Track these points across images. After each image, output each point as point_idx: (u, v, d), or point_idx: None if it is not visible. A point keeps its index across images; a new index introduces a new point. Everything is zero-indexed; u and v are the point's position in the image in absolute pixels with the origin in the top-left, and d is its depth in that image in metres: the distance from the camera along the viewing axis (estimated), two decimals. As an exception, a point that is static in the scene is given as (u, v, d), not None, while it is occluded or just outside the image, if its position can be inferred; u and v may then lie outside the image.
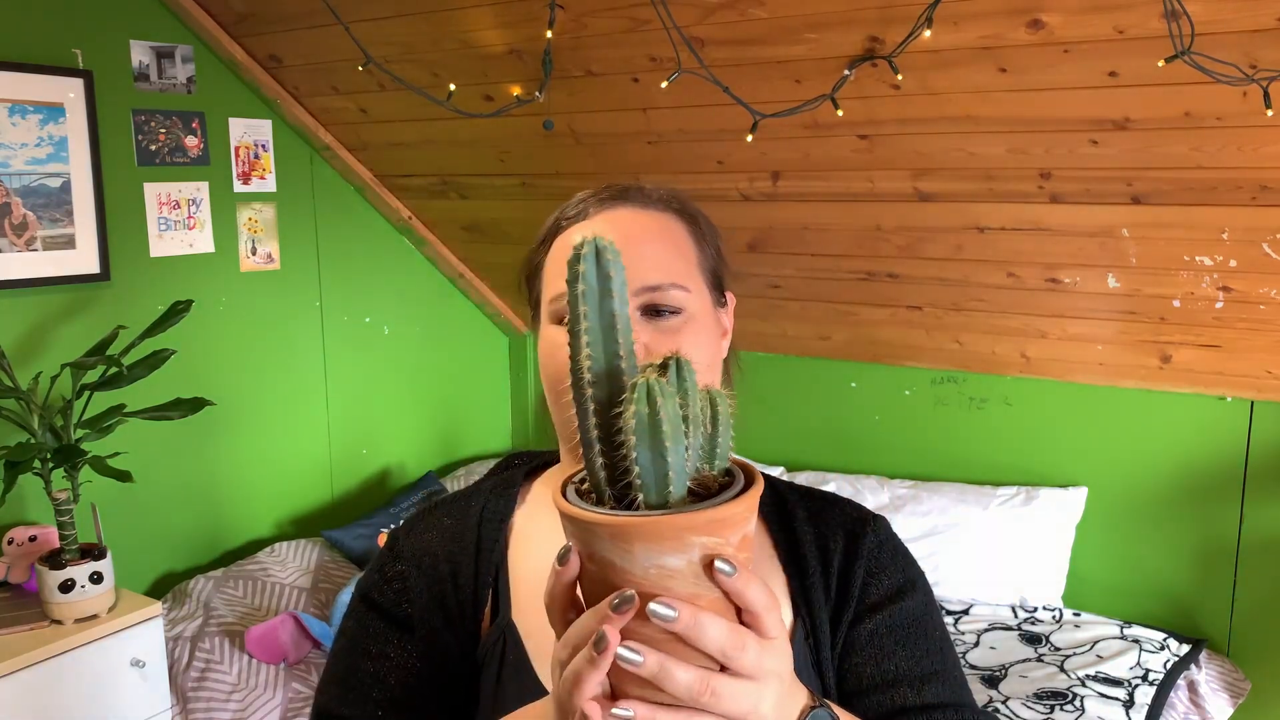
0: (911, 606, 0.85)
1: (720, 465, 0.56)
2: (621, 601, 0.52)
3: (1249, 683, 2.52)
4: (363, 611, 0.88)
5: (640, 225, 0.84)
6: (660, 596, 0.52)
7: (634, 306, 0.79)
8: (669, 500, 0.53)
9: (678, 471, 0.52)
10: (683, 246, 0.85)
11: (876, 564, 0.86)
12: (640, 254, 0.81)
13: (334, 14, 2.38)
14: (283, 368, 3.11)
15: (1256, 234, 2.07)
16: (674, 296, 0.81)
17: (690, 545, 0.52)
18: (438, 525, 0.90)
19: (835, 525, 0.89)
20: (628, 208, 0.85)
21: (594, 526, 0.53)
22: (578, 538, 0.55)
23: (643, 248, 0.81)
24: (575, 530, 0.55)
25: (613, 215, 0.84)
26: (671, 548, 0.52)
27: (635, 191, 0.86)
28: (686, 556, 0.52)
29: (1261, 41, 1.64)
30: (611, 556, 0.53)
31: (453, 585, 0.85)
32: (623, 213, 0.85)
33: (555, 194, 2.94)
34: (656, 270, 0.81)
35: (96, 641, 2.19)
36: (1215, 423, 2.59)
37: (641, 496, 0.53)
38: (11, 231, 2.41)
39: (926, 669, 0.83)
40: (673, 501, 0.53)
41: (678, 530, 0.52)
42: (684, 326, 0.81)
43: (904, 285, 2.68)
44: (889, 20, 1.90)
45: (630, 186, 0.87)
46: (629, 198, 0.86)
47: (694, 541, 0.52)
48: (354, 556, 2.97)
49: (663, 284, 0.80)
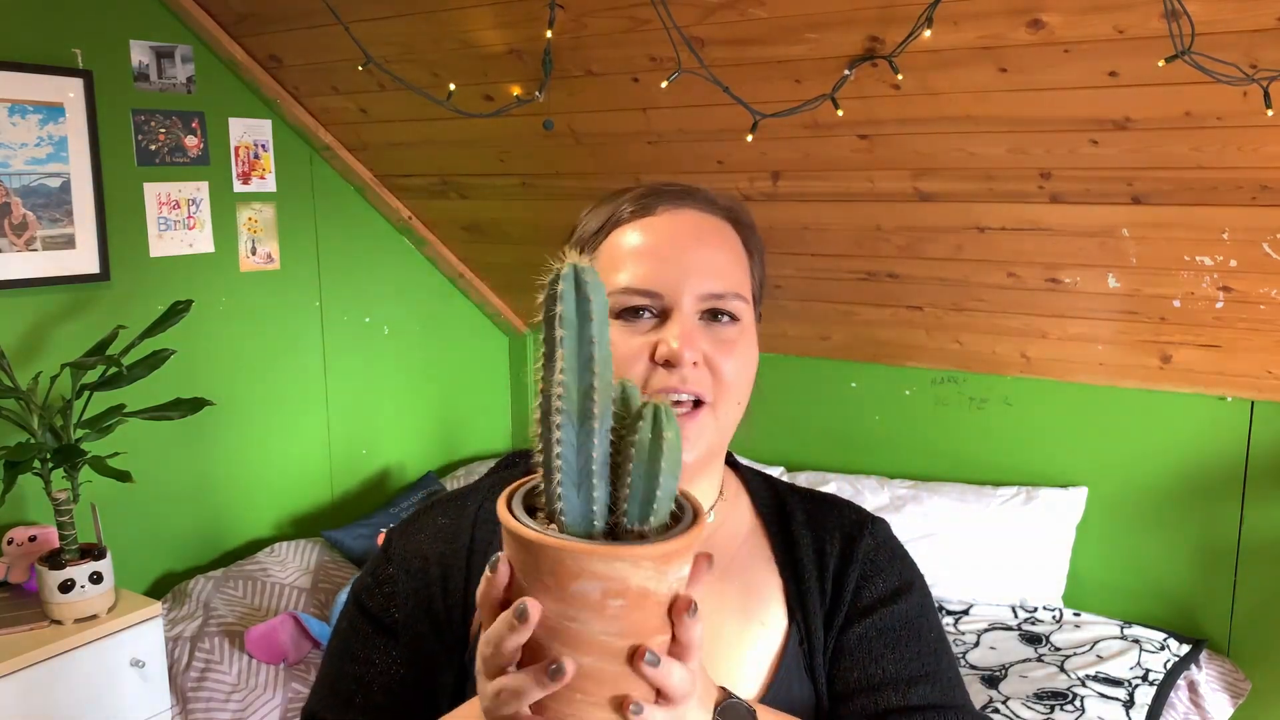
0: (904, 609, 0.85)
1: (657, 514, 0.56)
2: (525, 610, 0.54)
3: (1249, 683, 2.52)
4: (355, 614, 0.88)
5: (706, 229, 0.83)
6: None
7: (695, 311, 0.79)
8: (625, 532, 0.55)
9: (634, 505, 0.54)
10: (740, 256, 0.84)
11: (872, 568, 0.86)
12: (708, 258, 0.81)
13: (334, 14, 2.38)
14: (283, 368, 3.11)
15: (1256, 234, 2.07)
16: (734, 306, 0.81)
17: (601, 577, 0.53)
18: (432, 525, 0.90)
19: (833, 528, 0.89)
20: (693, 209, 0.84)
21: (529, 544, 0.54)
22: (509, 545, 0.56)
23: (710, 252, 0.81)
24: (508, 538, 0.56)
25: (679, 215, 0.83)
26: (590, 577, 0.53)
27: (700, 194, 0.85)
28: (600, 586, 0.53)
29: (1261, 41, 1.64)
30: (539, 574, 0.54)
31: (442, 589, 0.85)
32: (690, 214, 0.83)
33: (555, 194, 2.94)
34: (721, 278, 0.80)
35: (96, 641, 2.19)
36: (1215, 423, 2.59)
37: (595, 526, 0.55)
38: (11, 231, 2.41)
39: (915, 671, 0.82)
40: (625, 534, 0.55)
41: (592, 559, 0.53)
42: (739, 338, 0.81)
43: (904, 285, 2.68)
44: (889, 20, 1.90)
45: (694, 188, 0.86)
46: (694, 198, 0.85)
47: (601, 573, 0.53)
48: (354, 556, 2.97)
49: (726, 293, 0.80)
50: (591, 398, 0.54)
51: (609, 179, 2.76)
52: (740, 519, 0.91)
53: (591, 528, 0.55)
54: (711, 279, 0.80)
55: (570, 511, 0.55)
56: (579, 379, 0.54)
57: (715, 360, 0.79)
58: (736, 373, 0.80)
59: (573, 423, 0.54)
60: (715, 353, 0.79)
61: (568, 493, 0.54)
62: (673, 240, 0.81)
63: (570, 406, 0.54)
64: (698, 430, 0.79)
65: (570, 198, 2.92)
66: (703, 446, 0.80)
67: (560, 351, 0.54)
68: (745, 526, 0.90)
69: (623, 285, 0.79)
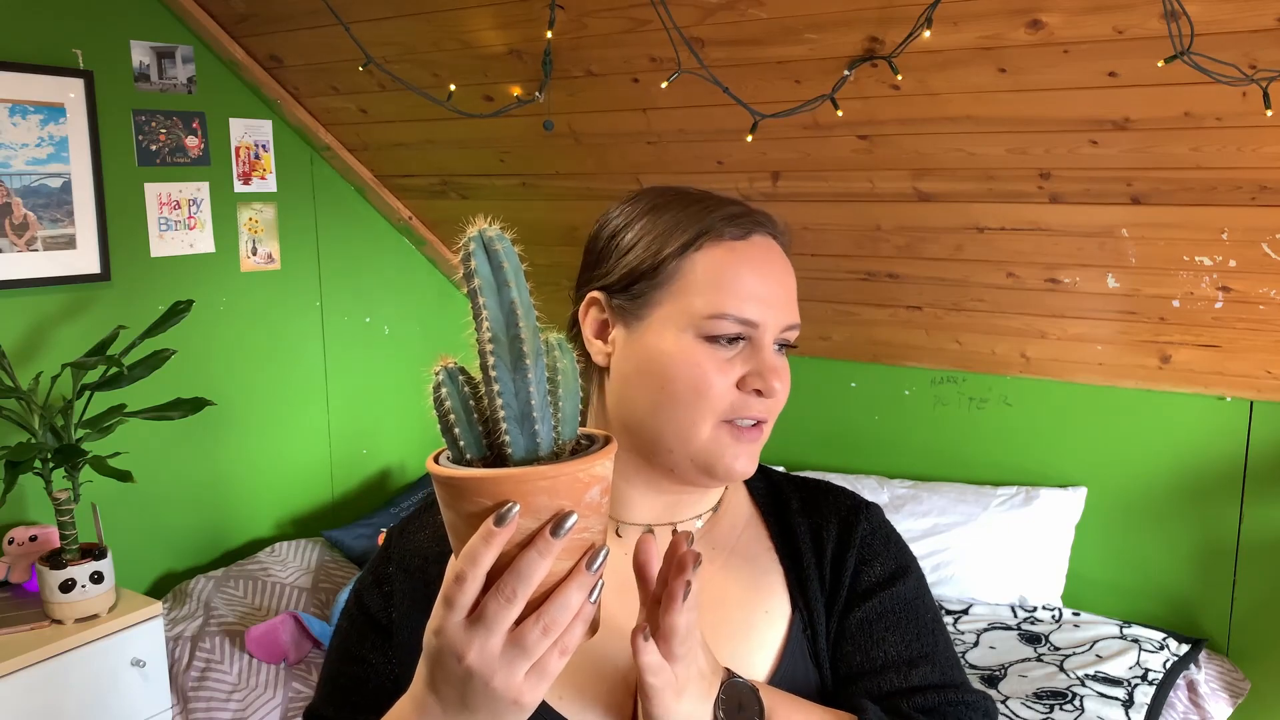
0: (903, 591, 0.87)
1: (561, 435, 0.62)
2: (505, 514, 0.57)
3: (1249, 682, 2.52)
4: (355, 612, 0.89)
5: (786, 262, 0.87)
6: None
7: (776, 340, 0.83)
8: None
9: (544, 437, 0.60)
10: None
11: (869, 552, 0.88)
12: (790, 293, 0.85)
13: (334, 14, 2.38)
14: (283, 368, 3.11)
15: (1256, 234, 2.07)
16: (796, 336, 0.86)
17: (542, 492, 0.58)
18: (432, 524, 0.90)
19: (829, 514, 0.91)
20: (774, 238, 0.86)
21: (460, 485, 0.59)
22: (457, 501, 0.60)
23: (791, 284, 0.85)
24: (449, 491, 0.61)
25: (770, 245, 0.85)
26: (535, 494, 0.59)
27: (775, 222, 0.88)
28: (546, 503, 0.59)
29: (1261, 41, 1.65)
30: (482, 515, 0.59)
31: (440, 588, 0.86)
32: (773, 244, 0.86)
33: (555, 194, 2.94)
34: (795, 312, 0.85)
35: (97, 641, 2.19)
36: (1215, 423, 2.59)
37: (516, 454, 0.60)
38: (12, 231, 2.42)
39: (916, 652, 0.85)
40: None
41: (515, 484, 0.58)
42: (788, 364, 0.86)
43: (904, 285, 2.68)
44: (889, 20, 1.90)
45: (770, 215, 0.88)
46: (774, 226, 0.87)
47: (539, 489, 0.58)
48: (354, 556, 2.97)
49: (796, 325, 0.85)
50: (520, 342, 0.59)
51: (609, 179, 2.76)
52: (739, 509, 0.93)
53: (536, 459, 0.60)
54: (793, 312, 0.84)
55: (516, 446, 0.59)
56: (506, 330, 0.59)
57: (786, 384, 0.83)
58: (787, 396, 0.84)
59: (507, 367, 0.59)
60: (784, 378, 0.83)
61: (512, 430, 0.59)
62: (773, 272, 0.84)
63: (502, 353, 0.59)
64: (761, 446, 0.83)
65: (570, 198, 2.93)
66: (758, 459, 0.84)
67: (485, 311, 0.59)
68: (744, 517, 0.92)
69: (728, 312, 0.80)
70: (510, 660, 0.59)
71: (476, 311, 0.60)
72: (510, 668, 0.59)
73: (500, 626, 0.58)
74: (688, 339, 0.80)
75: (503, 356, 0.59)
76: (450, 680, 0.61)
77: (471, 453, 0.61)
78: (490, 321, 0.59)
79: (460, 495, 0.59)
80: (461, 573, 0.58)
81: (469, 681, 0.59)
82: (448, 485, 0.60)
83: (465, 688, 0.60)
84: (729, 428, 0.80)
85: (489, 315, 0.59)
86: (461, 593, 0.58)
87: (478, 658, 0.59)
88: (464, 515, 0.59)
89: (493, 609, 0.58)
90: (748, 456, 0.81)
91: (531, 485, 0.57)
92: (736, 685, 0.74)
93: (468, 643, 0.59)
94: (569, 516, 0.58)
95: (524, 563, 0.58)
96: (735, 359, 0.81)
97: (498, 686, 0.59)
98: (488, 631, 0.58)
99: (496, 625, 0.58)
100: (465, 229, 0.61)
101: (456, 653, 0.59)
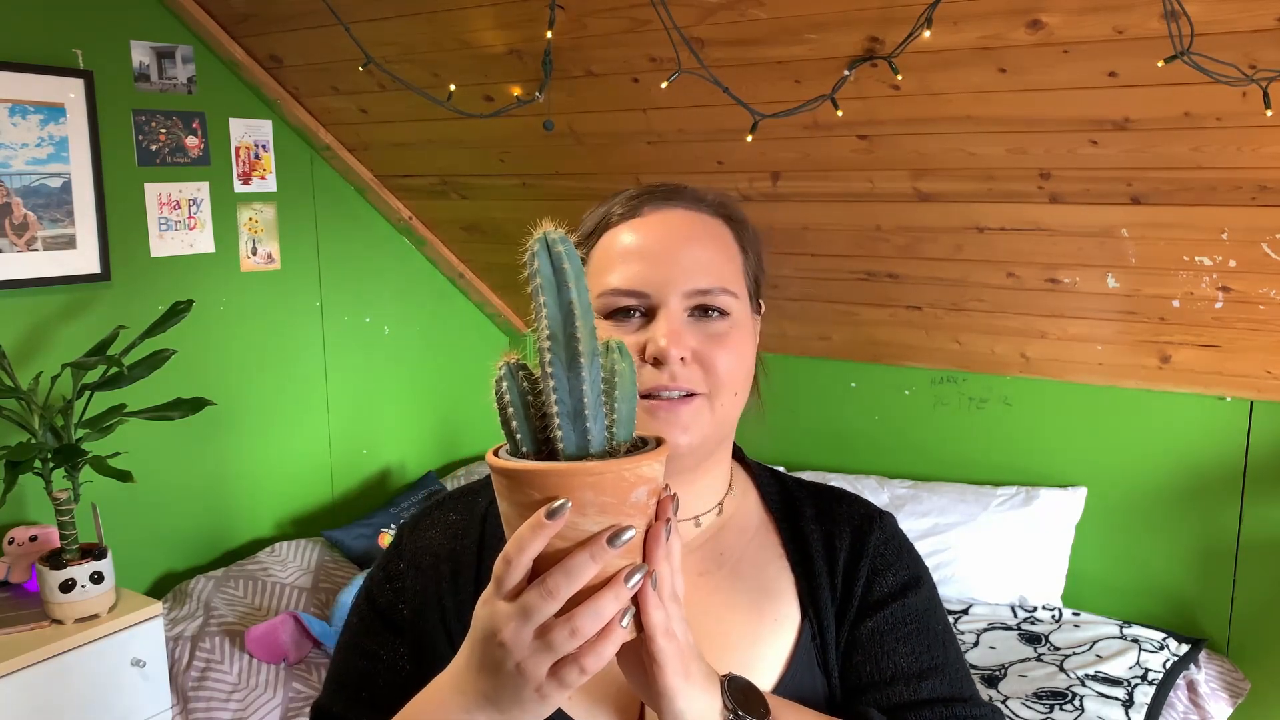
0: (914, 603, 0.86)
1: (615, 436, 0.63)
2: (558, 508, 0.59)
3: (1249, 683, 2.52)
4: (365, 609, 0.89)
5: (692, 227, 0.84)
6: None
7: (683, 308, 0.80)
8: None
9: (595, 435, 0.62)
10: (730, 251, 0.85)
11: (881, 562, 0.87)
12: (693, 256, 0.82)
13: (334, 14, 2.38)
14: (283, 368, 3.11)
15: (1256, 234, 2.07)
16: (723, 301, 0.81)
17: (593, 488, 0.60)
18: (443, 522, 0.90)
19: (842, 522, 0.89)
20: (680, 208, 0.85)
21: (515, 475, 0.61)
22: (514, 490, 0.62)
23: (695, 250, 0.82)
24: (508, 482, 0.62)
25: (666, 215, 0.84)
26: (582, 489, 0.60)
27: (687, 192, 0.86)
28: (595, 499, 0.60)
29: (1261, 41, 1.65)
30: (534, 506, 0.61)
31: (452, 585, 0.85)
32: (676, 213, 0.84)
33: (555, 194, 2.94)
34: (708, 274, 0.81)
35: (97, 641, 2.19)
36: (1215, 423, 2.59)
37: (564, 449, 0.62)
38: (12, 231, 2.42)
39: (925, 664, 0.84)
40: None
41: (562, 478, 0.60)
42: (730, 332, 0.82)
43: (904, 285, 2.68)
44: (889, 20, 1.90)
45: (681, 187, 0.87)
46: (681, 197, 0.86)
47: (591, 485, 0.60)
48: (354, 556, 2.97)
49: (713, 288, 0.81)
50: (576, 342, 0.60)
51: (609, 179, 2.76)
52: (749, 514, 0.91)
53: (587, 455, 0.61)
54: (698, 276, 0.81)
55: (568, 442, 0.61)
56: (563, 328, 0.61)
57: (706, 355, 0.80)
58: (730, 366, 0.81)
59: (562, 365, 0.60)
60: (705, 347, 0.80)
61: (564, 426, 0.61)
62: (658, 240, 0.82)
63: (558, 351, 0.60)
64: (691, 414, 0.79)
65: (570, 198, 2.93)
66: (698, 433, 0.80)
67: (544, 310, 0.61)
68: (754, 521, 0.91)
69: (611, 286, 0.80)
70: (536, 651, 0.60)
71: (537, 310, 0.61)
72: (536, 658, 0.61)
73: (535, 617, 0.60)
74: (602, 326, 0.81)
75: (559, 354, 0.61)
76: (487, 656, 0.63)
77: (526, 446, 0.63)
78: (549, 320, 0.61)
79: (511, 485, 0.61)
80: (509, 556, 0.61)
81: (503, 661, 0.62)
82: (500, 475, 0.62)
83: (499, 667, 0.62)
84: (645, 404, 0.78)
85: (548, 314, 0.61)
86: (507, 576, 0.61)
87: (512, 638, 0.61)
88: (515, 505, 0.61)
89: (532, 599, 0.60)
90: (673, 429, 0.79)
91: (577, 480, 0.59)
92: (738, 681, 0.73)
93: (505, 622, 0.61)
94: (627, 530, 0.60)
95: (574, 562, 0.60)
96: (639, 333, 0.80)
97: (526, 670, 0.61)
98: (524, 618, 0.60)
99: (533, 615, 0.60)
100: (532, 231, 0.62)
101: (495, 628, 0.62)
